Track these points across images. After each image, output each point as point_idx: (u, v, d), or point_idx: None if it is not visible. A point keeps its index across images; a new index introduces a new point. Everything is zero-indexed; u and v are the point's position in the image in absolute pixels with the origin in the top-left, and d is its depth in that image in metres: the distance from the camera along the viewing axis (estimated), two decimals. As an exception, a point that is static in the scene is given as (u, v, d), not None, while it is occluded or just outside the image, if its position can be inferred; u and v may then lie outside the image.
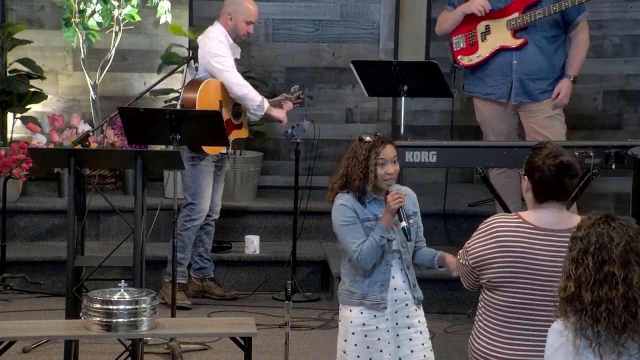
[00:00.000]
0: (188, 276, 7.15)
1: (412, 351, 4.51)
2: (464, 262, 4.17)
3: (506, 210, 6.62)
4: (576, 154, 6.21)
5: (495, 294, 4.06)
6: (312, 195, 7.66)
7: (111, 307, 4.52)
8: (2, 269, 7.27)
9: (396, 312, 4.51)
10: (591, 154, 6.21)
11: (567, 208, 4.13)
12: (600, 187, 7.60)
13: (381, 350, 4.50)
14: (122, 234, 7.42)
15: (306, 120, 7.26)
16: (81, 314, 4.75)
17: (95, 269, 5.69)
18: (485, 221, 4.17)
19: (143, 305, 4.55)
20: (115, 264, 6.37)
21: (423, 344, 4.55)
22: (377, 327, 4.50)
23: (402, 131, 6.97)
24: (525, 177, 4.12)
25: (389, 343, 4.51)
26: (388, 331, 4.51)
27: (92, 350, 6.14)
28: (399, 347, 4.51)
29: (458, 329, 6.72)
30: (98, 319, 4.53)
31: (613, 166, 6.29)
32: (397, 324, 4.51)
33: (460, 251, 4.25)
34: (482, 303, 4.14)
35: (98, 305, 4.54)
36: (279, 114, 7.05)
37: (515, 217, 4.10)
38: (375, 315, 4.50)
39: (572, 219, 4.01)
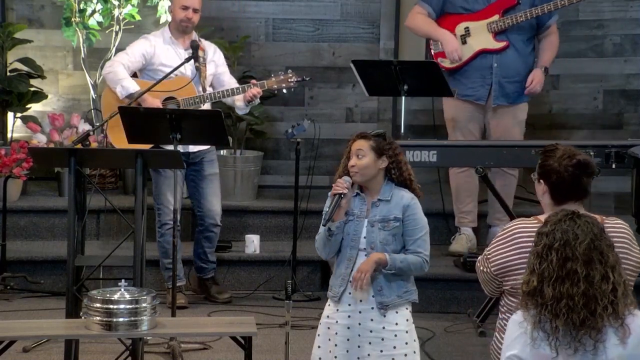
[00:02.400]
0: (187, 277, 7.16)
1: (369, 354, 4.50)
2: (485, 269, 4.14)
3: (506, 209, 6.63)
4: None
5: (519, 299, 4.04)
6: (312, 195, 7.67)
7: (111, 306, 4.52)
8: (2, 268, 7.27)
9: (360, 312, 4.51)
10: (591, 153, 6.19)
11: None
12: (600, 187, 7.62)
13: (336, 345, 4.53)
14: (122, 233, 7.42)
15: (306, 120, 7.25)
16: (81, 313, 4.75)
17: (96, 269, 5.70)
18: (505, 227, 4.15)
19: (143, 305, 4.55)
20: (115, 264, 6.36)
21: (382, 351, 4.49)
22: (337, 322, 4.54)
23: (402, 130, 6.97)
24: (541, 180, 4.10)
25: (347, 340, 4.51)
26: (348, 328, 4.52)
27: (92, 350, 6.14)
28: (359, 347, 4.52)
29: (458, 328, 6.72)
30: (98, 318, 4.53)
31: (613, 165, 6.31)
32: (359, 324, 4.51)
33: (479, 257, 4.22)
34: (505, 308, 4.12)
35: (98, 305, 4.54)
36: (151, 102, 6.76)
37: (535, 221, 4.07)
38: (337, 310, 4.55)
39: None
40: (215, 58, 7.11)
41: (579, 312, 3.38)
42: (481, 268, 4.17)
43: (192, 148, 6.92)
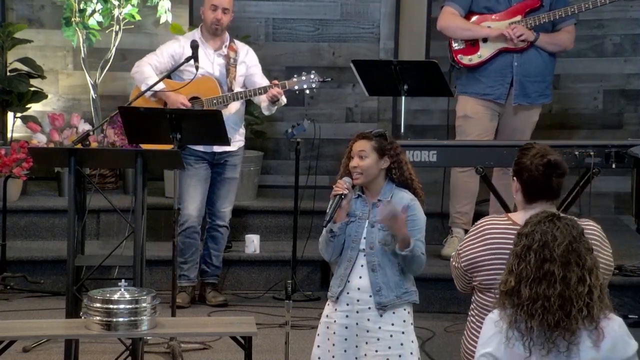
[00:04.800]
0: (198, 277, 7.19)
1: (365, 354, 4.50)
2: (456, 264, 4.18)
3: (506, 209, 6.63)
4: (576, 153, 6.23)
5: (487, 296, 4.08)
6: (312, 195, 7.66)
7: (111, 306, 4.52)
8: (2, 268, 7.27)
9: (357, 312, 4.51)
10: (591, 153, 6.22)
11: (559, 207, 4.15)
12: (600, 187, 7.61)
13: (334, 345, 4.53)
14: (122, 233, 7.42)
15: (306, 120, 7.25)
16: (81, 313, 4.74)
17: (96, 268, 5.69)
18: (475, 224, 4.19)
19: (143, 305, 4.55)
20: (115, 264, 6.36)
21: (377, 351, 4.47)
22: (335, 321, 4.54)
23: (402, 130, 6.97)
24: (514, 178, 4.13)
25: (345, 339, 4.51)
26: (346, 328, 4.52)
27: (92, 350, 6.14)
28: (357, 347, 4.52)
29: (458, 328, 6.71)
30: (98, 318, 4.53)
31: (613, 165, 6.31)
32: (357, 324, 4.51)
33: (453, 253, 4.26)
34: (474, 304, 4.17)
35: (98, 305, 4.53)
36: (175, 99, 6.80)
37: (505, 219, 4.12)
38: (336, 309, 4.54)
39: None
40: (246, 59, 7.12)
41: (554, 313, 3.38)
42: (453, 264, 4.22)
43: (217, 149, 6.95)
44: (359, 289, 4.51)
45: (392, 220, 4.39)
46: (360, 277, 4.51)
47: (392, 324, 4.49)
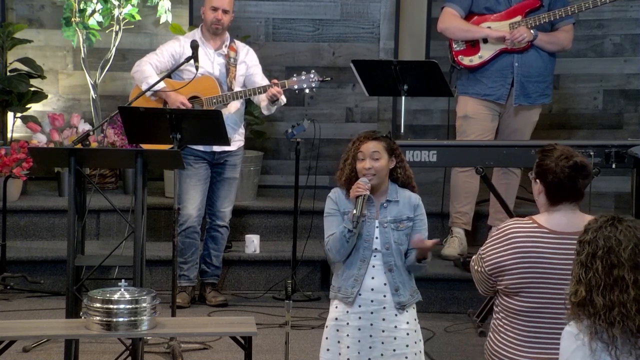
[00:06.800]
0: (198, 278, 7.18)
1: (382, 354, 4.51)
2: (479, 269, 4.15)
3: (506, 209, 6.64)
4: (576, 153, 6.23)
5: (514, 299, 4.06)
6: (312, 195, 7.66)
7: (111, 306, 4.52)
8: (2, 268, 7.27)
9: (371, 312, 4.51)
10: (591, 153, 6.22)
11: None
12: (600, 187, 7.62)
13: (348, 347, 4.52)
14: (122, 233, 7.42)
15: (306, 120, 7.25)
16: (81, 313, 4.74)
17: (96, 269, 5.69)
18: (499, 227, 4.16)
19: (143, 305, 4.55)
20: (115, 264, 6.36)
21: (394, 350, 4.50)
22: (347, 323, 4.53)
23: (402, 130, 6.97)
24: (537, 180, 4.10)
25: (359, 341, 4.51)
26: (359, 329, 4.52)
27: (92, 350, 6.14)
28: (370, 347, 4.52)
29: (458, 328, 6.72)
30: (98, 318, 4.53)
31: (613, 165, 6.31)
32: (371, 324, 4.51)
33: (474, 257, 4.23)
34: (499, 308, 4.13)
35: (98, 305, 4.54)
36: (175, 99, 6.78)
37: (530, 222, 4.08)
38: (347, 311, 4.53)
39: (584, 219, 3.97)
40: (247, 59, 7.12)
41: (633, 318, 3.33)
42: (475, 267, 4.19)
43: (216, 148, 6.96)
44: (372, 289, 4.51)
45: (423, 247, 4.45)
46: (373, 278, 4.52)
47: (407, 322, 4.53)
